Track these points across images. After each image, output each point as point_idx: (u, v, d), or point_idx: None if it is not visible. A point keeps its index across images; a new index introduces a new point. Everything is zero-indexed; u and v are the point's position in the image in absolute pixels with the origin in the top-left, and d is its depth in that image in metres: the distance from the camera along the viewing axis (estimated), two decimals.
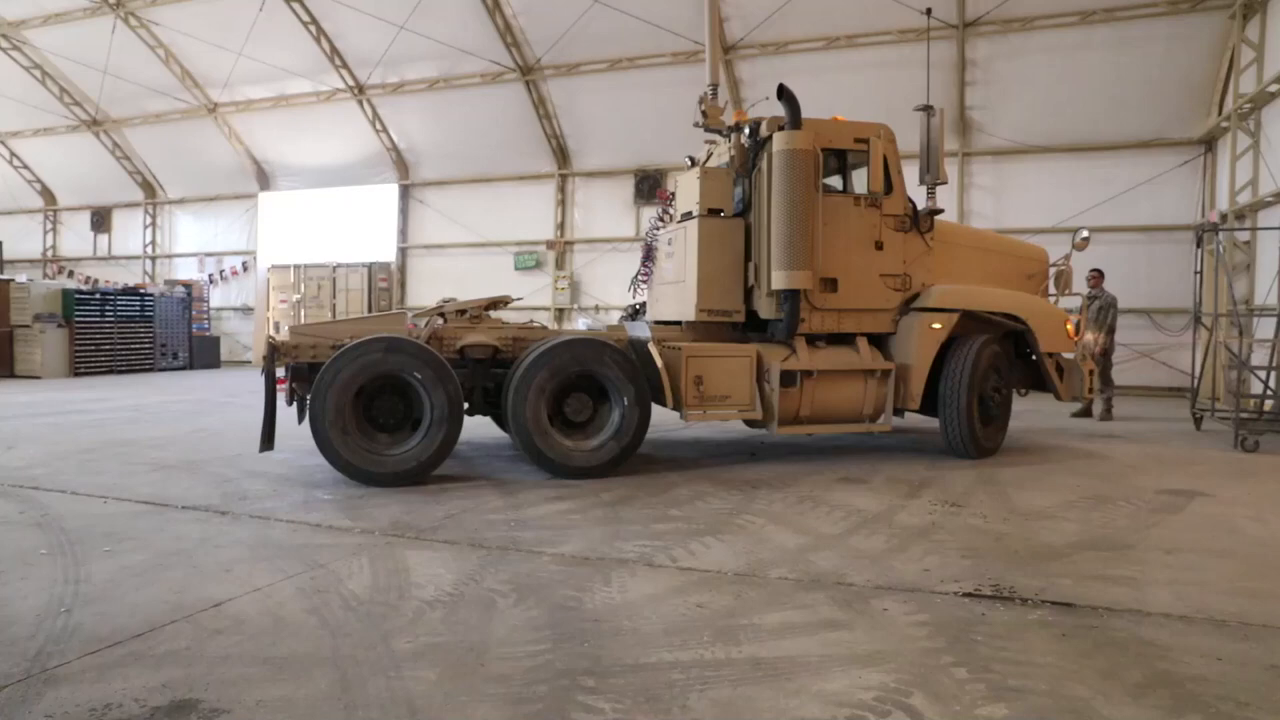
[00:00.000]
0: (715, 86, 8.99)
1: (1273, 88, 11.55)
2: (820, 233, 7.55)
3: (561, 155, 18.91)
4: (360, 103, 19.54)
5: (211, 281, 23.25)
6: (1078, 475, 7.23)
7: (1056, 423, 11.08)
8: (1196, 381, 10.60)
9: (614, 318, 17.03)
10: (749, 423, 8.22)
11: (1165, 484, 6.84)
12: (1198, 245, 10.73)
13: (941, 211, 8.14)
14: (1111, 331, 11.44)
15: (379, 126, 19.92)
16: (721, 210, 7.83)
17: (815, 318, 7.68)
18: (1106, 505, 6.07)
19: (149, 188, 23.85)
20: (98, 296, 18.69)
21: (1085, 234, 8.78)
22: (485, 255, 19.63)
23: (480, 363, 7.18)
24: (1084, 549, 4.92)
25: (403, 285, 20.76)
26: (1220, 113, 13.66)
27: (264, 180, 22.18)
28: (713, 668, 3.21)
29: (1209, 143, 14.37)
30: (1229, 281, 10.89)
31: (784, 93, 7.45)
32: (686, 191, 8.43)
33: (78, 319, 17.82)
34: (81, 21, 19.44)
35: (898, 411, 7.89)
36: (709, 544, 4.96)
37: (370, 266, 20.29)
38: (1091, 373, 8.41)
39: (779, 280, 7.36)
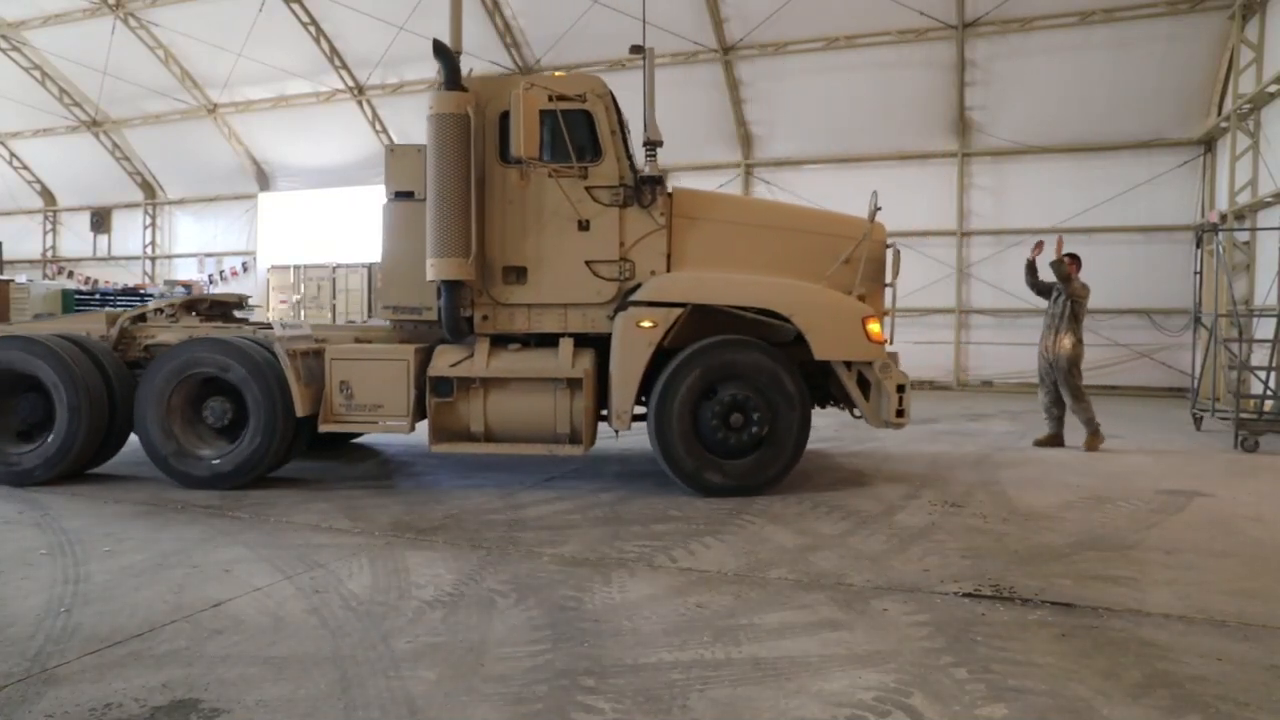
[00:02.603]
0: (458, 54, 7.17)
1: (1272, 88, 11.55)
2: (501, 212, 6.43)
3: None
4: (360, 103, 19.54)
5: (211, 282, 23.23)
6: (1078, 475, 7.23)
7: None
8: (1196, 382, 10.60)
9: None
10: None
11: (1165, 484, 6.84)
12: (1197, 245, 10.73)
13: (660, 179, 6.52)
14: (1080, 336, 9.18)
15: (379, 127, 19.90)
16: (413, 193, 6.63)
17: (501, 315, 6.51)
18: (1106, 505, 6.07)
19: (149, 188, 23.85)
20: (97, 297, 18.68)
21: (876, 200, 7.00)
22: None
23: None
24: (1084, 549, 4.92)
25: None
26: (1220, 113, 13.66)
27: (264, 181, 22.17)
28: (712, 668, 3.21)
29: (1208, 143, 14.37)
30: (1229, 281, 10.90)
31: (438, 48, 6.36)
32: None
33: None
34: (81, 22, 19.42)
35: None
36: (709, 544, 4.96)
37: (370, 267, 20.23)
38: (901, 389, 6.22)
39: (429, 270, 6.29)
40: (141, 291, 19.80)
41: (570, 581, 4.25)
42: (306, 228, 21.29)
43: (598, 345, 6.49)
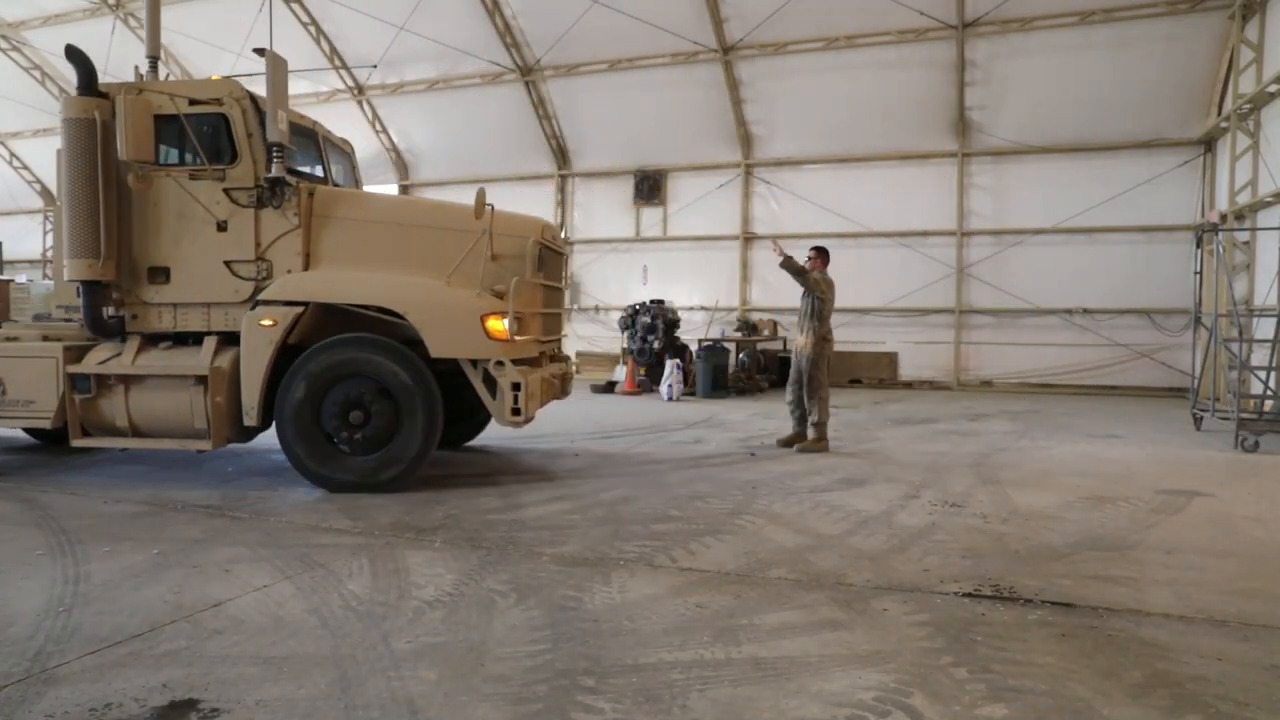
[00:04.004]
0: (154, 59, 7.04)
1: (1272, 88, 11.55)
2: (142, 214, 6.52)
3: (561, 156, 18.91)
4: (360, 103, 19.54)
5: None
6: (1078, 475, 7.23)
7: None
8: (1196, 382, 10.60)
9: (614, 318, 17.06)
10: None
11: (1165, 484, 6.84)
12: (1197, 245, 10.73)
13: (284, 179, 6.42)
14: (823, 334, 8.62)
15: (379, 127, 19.91)
16: None
17: (149, 314, 6.63)
18: (1106, 505, 6.07)
19: None
20: None
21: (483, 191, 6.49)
22: None
23: None
24: (1084, 549, 4.92)
25: None
26: (1220, 113, 13.67)
27: None
28: (712, 668, 3.21)
29: (1208, 143, 14.37)
30: (1229, 281, 10.89)
31: (71, 53, 6.41)
32: None
33: None
34: (81, 22, 19.42)
35: (249, 431, 6.53)
36: (709, 544, 4.96)
37: None
38: (517, 388, 6.15)
39: (65, 270, 6.48)
40: None
41: (570, 581, 4.25)
42: None
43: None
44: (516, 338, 6.32)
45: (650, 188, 18.15)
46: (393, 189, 20.52)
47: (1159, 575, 4.42)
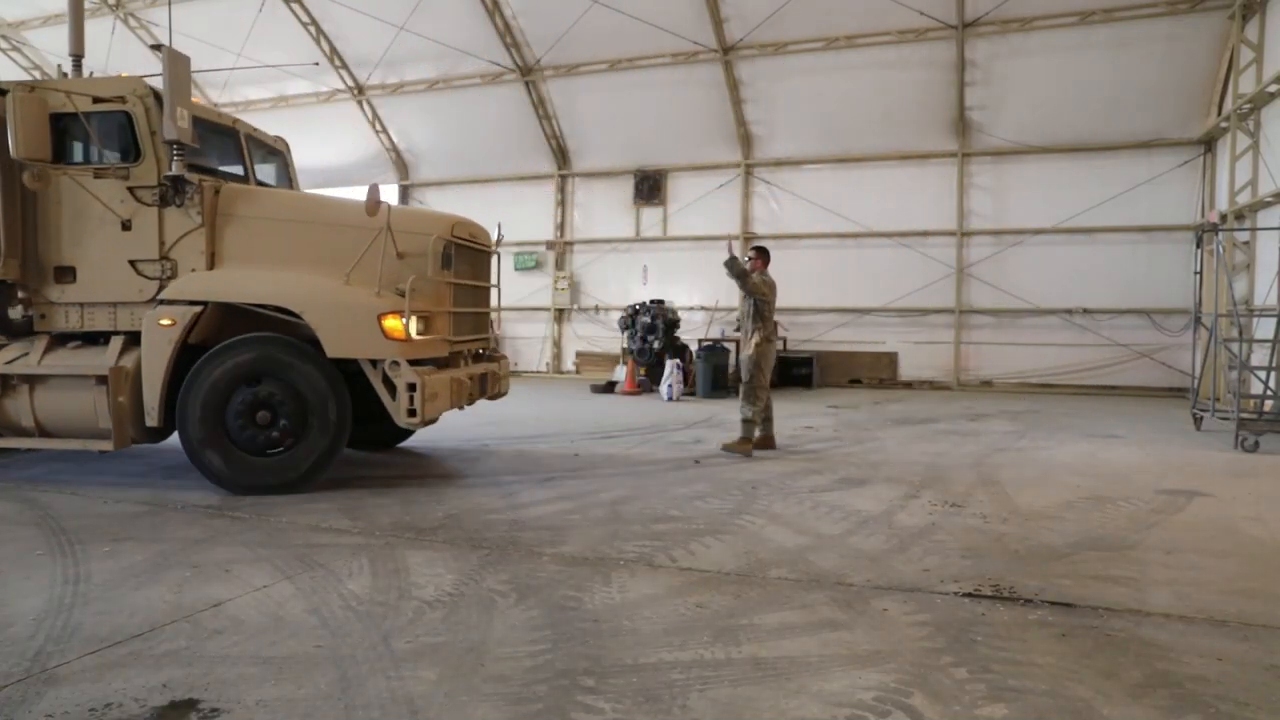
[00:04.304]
0: (78, 58, 7.06)
1: (1272, 88, 11.55)
2: (48, 214, 6.50)
3: (561, 156, 18.91)
4: (360, 103, 19.55)
5: None
6: (1078, 475, 7.23)
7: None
8: (1196, 382, 10.60)
9: (614, 318, 17.06)
10: None
11: (1165, 484, 6.85)
12: (1197, 245, 10.73)
13: (184, 177, 6.35)
14: (766, 334, 8.36)
15: (379, 127, 19.92)
16: None
17: (56, 314, 6.61)
18: (1106, 505, 6.07)
19: None
20: None
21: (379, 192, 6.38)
22: None
23: None
24: (1084, 549, 4.92)
25: None
26: (1220, 113, 13.67)
27: None
28: (712, 668, 3.21)
29: (1208, 143, 14.38)
30: (1229, 281, 10.90)
31: None
32: None
33: None
34: None
35: (154, 433, 6.40)
36: (709, 544, 4.96)
37: None
38: (412, 388, 6.06)
39: None
40: None
41: (570, 581, 4.25)
42: None
43: None
44: (416, 337, 6.24)
45: (650, 188, 18.15)
46: (392, 189, 20.52)
47: (1159, 575, 4.42)
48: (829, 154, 16.67)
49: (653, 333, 15.32)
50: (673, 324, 15.58)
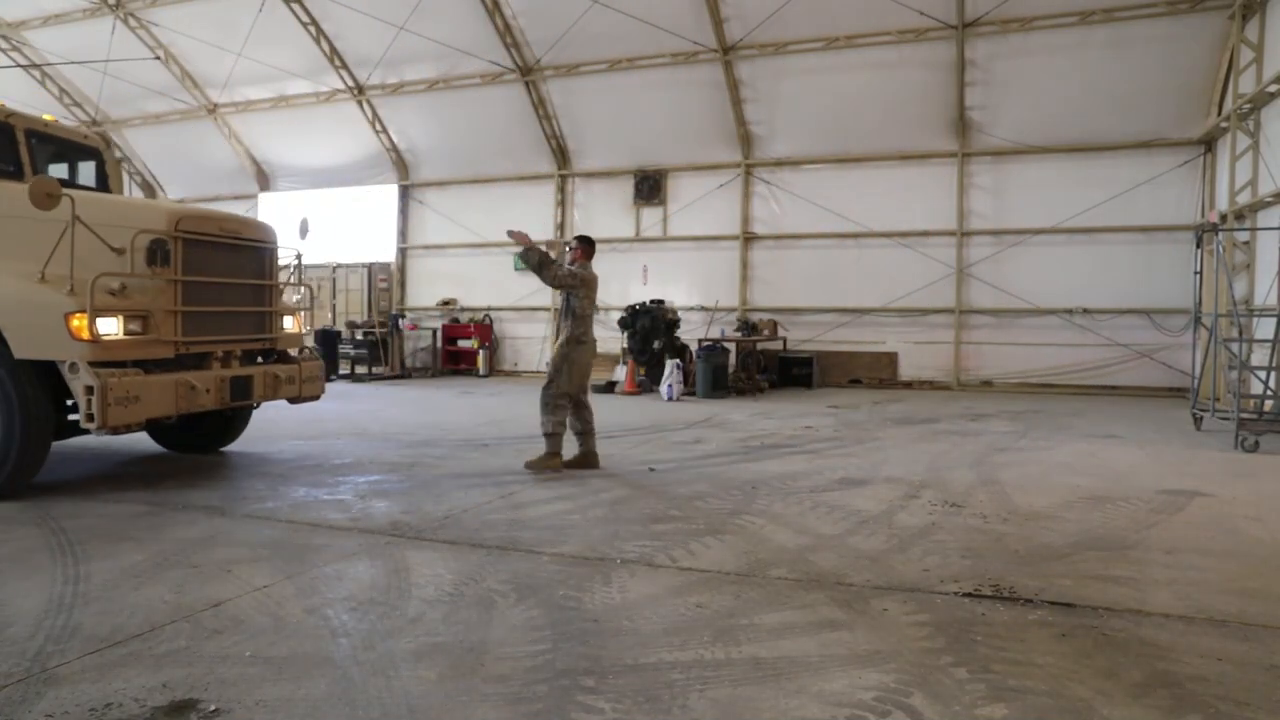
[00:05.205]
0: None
1: (1272, 88, 11.55)
2: None
3: (561, 156, 18.90)
4: (360, 103, 19.54)
5: None
6: (1078, 475, 7.23)
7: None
8: (1196, 382, 10.60)
9: (614, 318, 17.06)
10: None
11: (1165, 484, 6.84)
12: (1197, 245, 10.73)
13: None
14: (577, 335, 7.36)
15: (379, 127, 19.90)
16: None
17: None
18: (1106, 505, 6.07)
19: (149, 189, 23.84)
20: None
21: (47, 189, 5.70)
22: (485, 256, 19.60)
23: None
24: (1084, 549, 4.92)
25: (403, 286, 20.74)
26: (1220, 113, 13.66)
27: (264, 181, 22.16)
28: (712, 668, 3.21)
29: (1209, 143, 14.37)
30: (1229, 281, 10.89)
31: None
32: None
33: None
34: (81, 22, 19.41)
35: None
36: (709, 544, 4.96)
37: (370, 267, 20.26)
38: (90, 391, 5.58)
39: None
40: None
41: (570, 581, 4.25)
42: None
43: None
44: (115, 336, 5.88)
45: (650, 188, 18.15)
46: (392, 189, 20.52)
47: (1159, 575, 4.42)
48: (829, 154, 16.66)
49: (653, 333, 15.32)
50: (673, 324, 15.58)
